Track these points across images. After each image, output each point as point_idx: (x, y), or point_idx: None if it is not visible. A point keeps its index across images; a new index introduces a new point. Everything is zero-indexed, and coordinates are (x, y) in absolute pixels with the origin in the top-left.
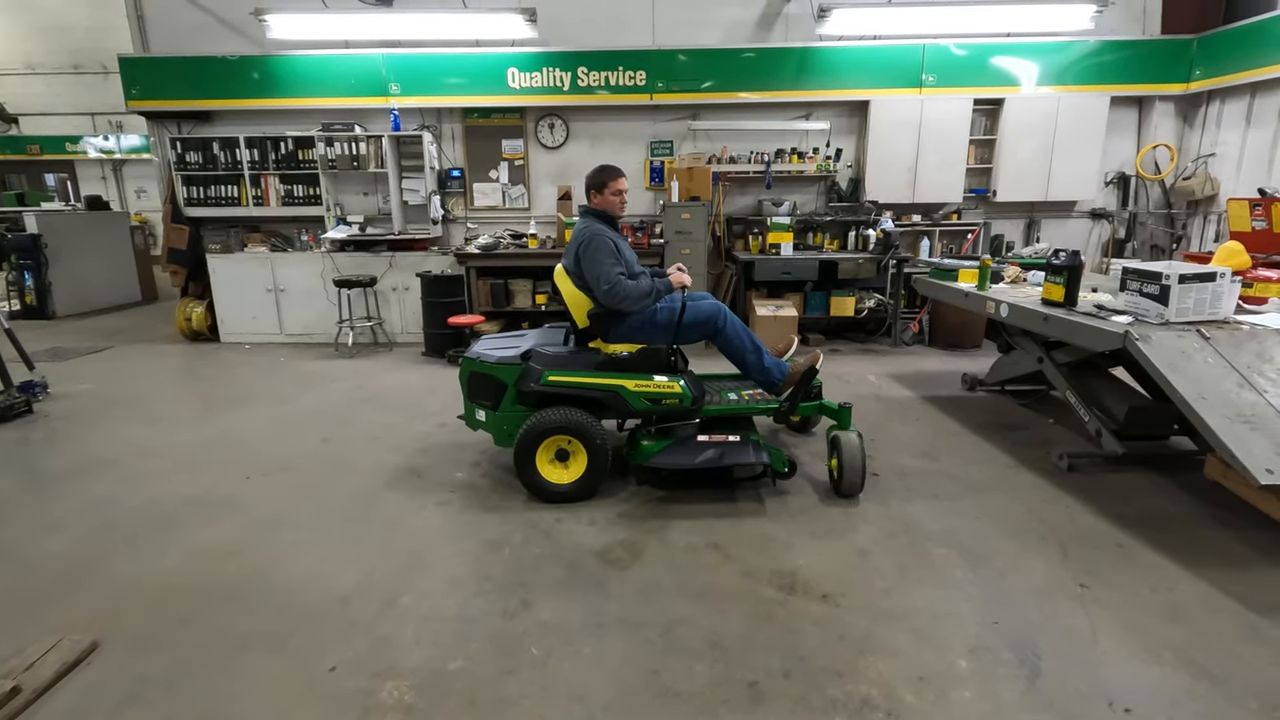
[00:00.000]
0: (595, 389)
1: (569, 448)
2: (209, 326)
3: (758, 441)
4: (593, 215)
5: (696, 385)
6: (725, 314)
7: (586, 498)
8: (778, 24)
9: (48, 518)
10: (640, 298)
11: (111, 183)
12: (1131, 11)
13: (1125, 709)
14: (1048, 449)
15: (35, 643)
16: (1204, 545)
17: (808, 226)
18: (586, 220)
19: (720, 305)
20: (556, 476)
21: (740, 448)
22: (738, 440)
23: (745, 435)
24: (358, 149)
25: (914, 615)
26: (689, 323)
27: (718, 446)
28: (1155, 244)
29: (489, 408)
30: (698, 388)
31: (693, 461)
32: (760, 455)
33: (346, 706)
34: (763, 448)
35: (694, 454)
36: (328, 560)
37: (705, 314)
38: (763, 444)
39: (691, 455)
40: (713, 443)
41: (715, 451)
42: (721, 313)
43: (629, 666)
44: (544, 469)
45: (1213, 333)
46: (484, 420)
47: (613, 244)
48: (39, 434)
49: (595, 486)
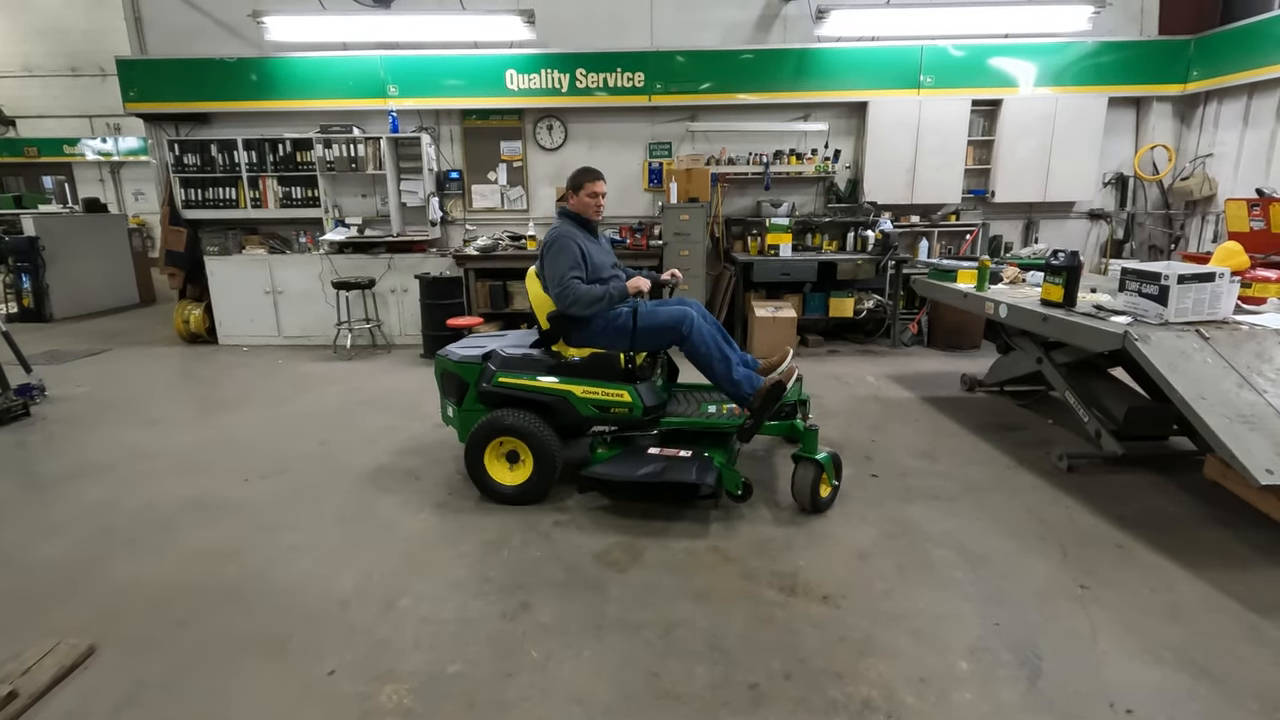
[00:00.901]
0: (543, 393)
1: (519, 450)
2: (207, 329)
3: (711, 459)
4: (567, 217)
5: (652, 395)
6: (691, 322)
7: (535, 501)
8: (776, 25)
9: (45, 521)
10: (590, 302)
11: (109, 185)
12: (1129, 12)
13: (1126, 710)
14: (1047, 449)
15: (32, 646)
16: (1204, 545)
17: (806, 227)
18: (559, 222)
19: (686, 312)
20: (506, 477)
21: (685, 465)
22: (686, 456)
23: (699, 452)
24: (356, 151)
25: (914, 616)
26: (645, 329)
27: (662, 461)
28: (1154, 244)
29: (456, 406)
30: (653, 397)
31: (631, 474)
32: (706, 475)
33: (345, 710)
34: (715, 467)
35: (636, 467)
36: (326, 563)
37: (665, 321)
38: (719, 463)
39: (633, 468)
40: (661, 457)
41: (658, 466)
42: (686, 320)
43: (629, 669)
44: (494, 469)
45: (1212, 333)
46: (451, 417)
47: (577, 247)
48: (36, 437)
49: (543, 490)
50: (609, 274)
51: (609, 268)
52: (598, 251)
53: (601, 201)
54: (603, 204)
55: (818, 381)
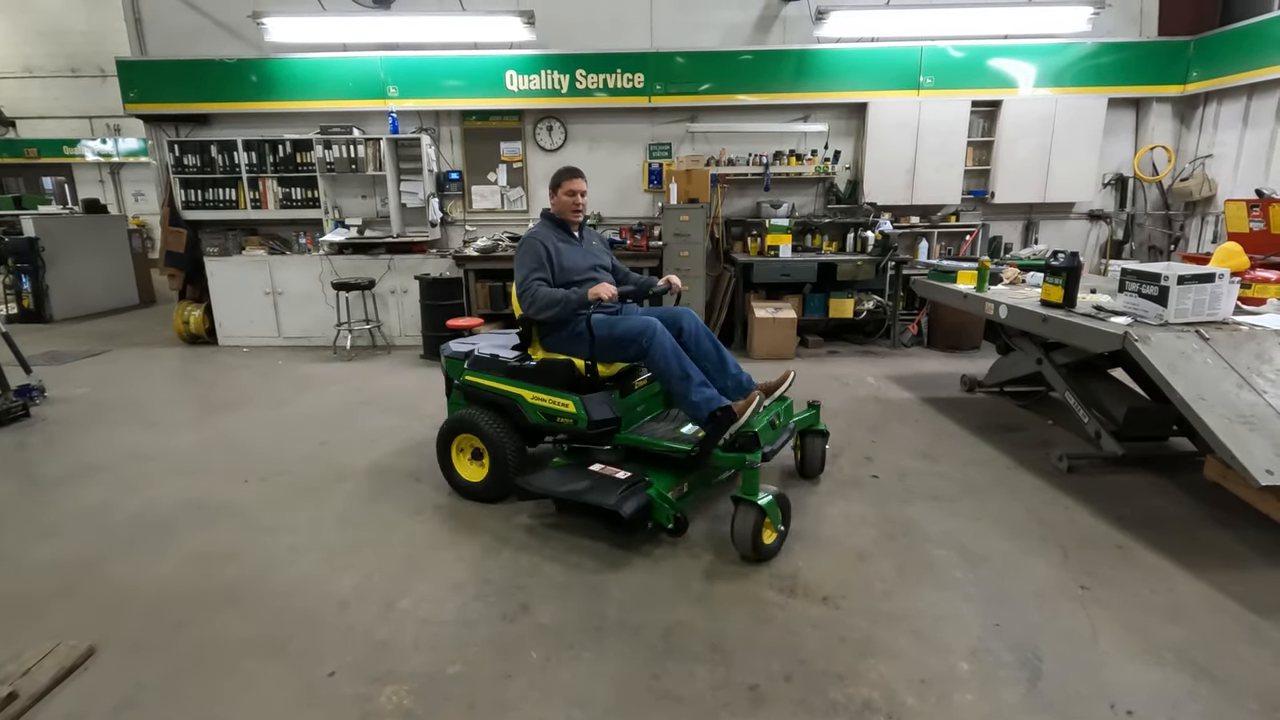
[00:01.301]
0: (499, 395)
1: (481, 448)
2: (207, 330)
3: (646, 485)
4: (546, 218)
5: (603, 408)
6: (651, 336)
7: (494, 499)
8: (775, 26)
9: (44, 522)
10: (546, 305)
11: (109, 186)
12: (1128, 13)
13: (1127, 711)
14: (1047, 450)
15: (32, 648)
16: (1204, 546)
17: (806, 228)
18: (537, 223)
19: (648, 326)
20: (468, 473)
21: (611, 487)
22: (620, 478)
23: (639, 475)
24: (356, 152)
25: (914, 617)
26: (604, 340)
27: (593, 479)
28: (1153, 245)
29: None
30: (603, 411)
31: (555, 489)
32: (627, 502)
33: (345, 711)
34: (646, 495)
35: (564, 482)
36: (325, 564)
37: (624, 333)
38: (655, 491)
39: (562, 482)
40: (596, 475)
41: (585, 484)
42: (646, 334)
43: (629, 670)
44: (459, 464)
45: (1212, 333)
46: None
47: (541, 248)
48: (36, 438)
49: (500, 488)
50: (584, 276)
51: (586, 270)
52: (573, 253)
53: (580, 201)
54: (582, 203)
55: (818, 382)
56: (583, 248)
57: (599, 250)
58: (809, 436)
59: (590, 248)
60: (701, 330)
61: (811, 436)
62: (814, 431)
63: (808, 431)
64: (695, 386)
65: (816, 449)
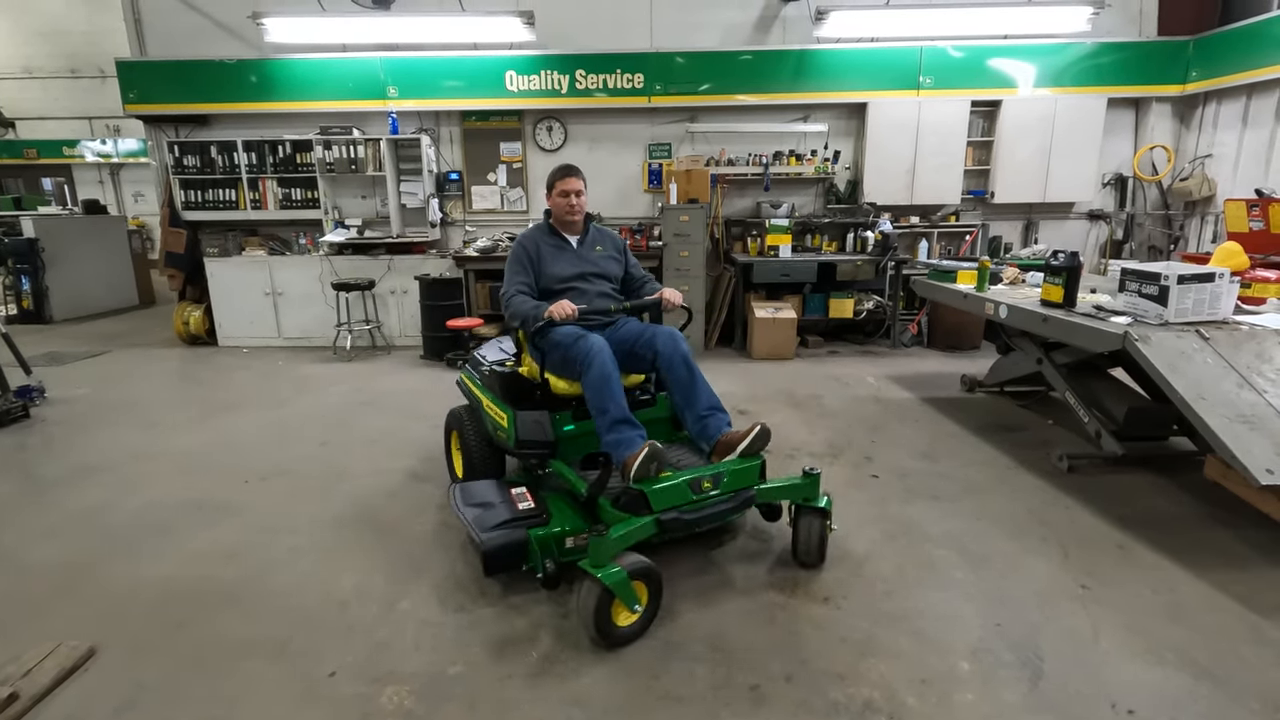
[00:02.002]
0: (472, 397)
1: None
2: (207, 330)
3: (531, 521)
4: (544, 219)
5: (538, 429)
6: (588, 363)
7: None
8: (775, 26)
9: (45, 523)
10: (515, 316)
11: (109, 187)
12: (1128, 13)
13: (1128, 710)
14: (1047, 450)
15: (32, 649)
16: (1205, 546)
17: (806, 228)
18: (536, 223)
19: (589, 352)
20: (459, 469)
21: (497, 516)
22: (516, 507)
23: (538, 509)
24: (355, 152)
25: (915, 617)
26: (555, 359)
27: (498, 503)
28: (1153, 245)
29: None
30: (535, 432)
31: (461, 505)
32: (491, 537)
33: (346, 712)
34: (523, 534)
35: (478, 498)
36: (326, 564)
37: (573, 352)
38: (536, 534)
39: (474, 498)
40: (506, 498)
41: (480, 509)
42: (585, 360)
43: (629, 670)
44: (455, 459)
45: (1212, 333)
46: None
47: (524, 254)
48: (36, 439)
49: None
50: (565, 286)
51: (571, 278)
52: (559, 259)
53: (574, 201)
54: (576, 204)
55: (818, 382)
56: (577, 253)
57: (601, 257)
58: (805, 514)
59: (590, 254)
60: (678, 357)
61: (808, 515)
62: (811, 508)
63: (805, 508)
64: (608, 424)
65: (813, 532)
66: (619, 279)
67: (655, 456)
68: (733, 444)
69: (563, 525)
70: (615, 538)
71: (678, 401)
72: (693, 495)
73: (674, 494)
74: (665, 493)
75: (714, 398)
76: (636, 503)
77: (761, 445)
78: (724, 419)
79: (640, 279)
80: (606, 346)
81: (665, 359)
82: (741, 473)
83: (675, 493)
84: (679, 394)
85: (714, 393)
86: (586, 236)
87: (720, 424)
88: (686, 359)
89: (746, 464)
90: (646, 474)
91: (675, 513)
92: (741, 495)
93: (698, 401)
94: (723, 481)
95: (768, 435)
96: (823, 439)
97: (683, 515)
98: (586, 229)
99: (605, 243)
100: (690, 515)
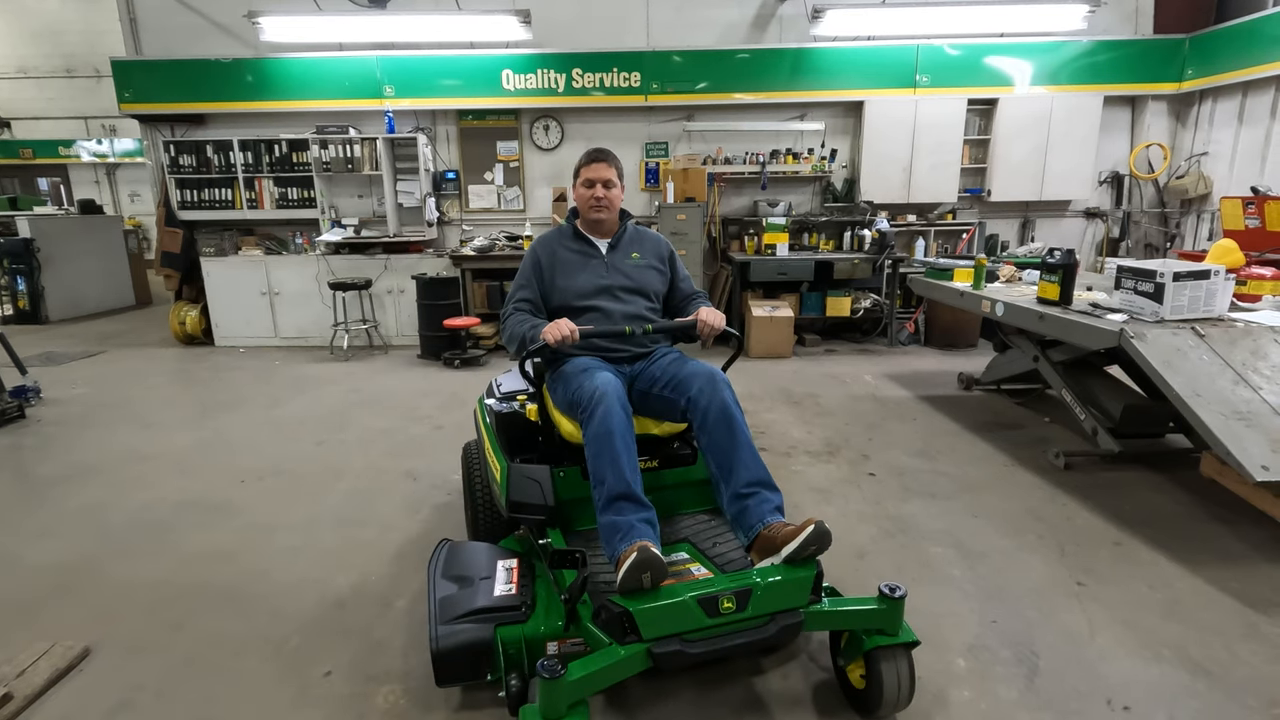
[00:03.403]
0: (479, 434)
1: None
2: (203, 330)
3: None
4: (568, 219)
5: (533, 491)
6: (593, 411)
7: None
8: (772, 25)
9: (40, 523)
10: (511, 339)
11: (105, 186)
12: (1123, 11)
13: (1124, 706)
14: (1044, 447)
15: (27, 649)
16: (1201, 542)
17: (803, 227)
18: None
19: (598, 394)
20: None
21: (467, 601)
22: (493, 594)
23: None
24: (352, 151)
25: (911, 615)
26: (559, 399)
27: (471, 584)
28: (1149, 242)
29: None
30: (530, 494)
31: (434, 576)
32: (452, 632)
33: (341, 712)
34: (489, 631)
35: (457, 568)
36: (322, 564)
37: (578, 393)
38: (504, 635)
39: (451, 568)
40: (488, 573)
41: (455, 586)
42: (590, 405)
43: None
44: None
45: (1207, 330)
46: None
47: (533, 262)
48: (31, 439)
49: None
50: (586, 303)
51: (593, 293)
52: (578, 268)
53: (600, 194)
54: (604, 197)
55: (815, 381)
56: (605, 261)
57: (637, 267)
58: (883, 655)
59: (623, 263)
60: (715, 407)
61: (891, 655)
62: (890, 645)
63: (881, 647)
64: (603, 499)
65: (903, 681)
66: (661, 295)
67: (647, 564)
68: (776, 543)
69: (546, 625)
70: (574, 681)
71: (712, 469)
72: (705, 618)
73: (674, 616)
74: (661, 614)
75: (761, 469)
76: (618, 625)
77: (815, 550)
78: (772, 502)
79: (687, 294)
80: (617, 389)
81: (697, 408)
82: (782, 588)
83: (676, 614)
84: (713, 458)
85: (762, 462)
86: (620, 240)
87: (764, 509)
88: (727, 411)
89: (791, 574)
90: (636, 586)
91: (676, 643)
92: (781, 621)
93: (737, 473)
94: (752, 600)
95: (827, 537)
96: (820, 437)
97: (686, 647)
98: (622, 230)
99: (644, 248)
100: (698, 648)
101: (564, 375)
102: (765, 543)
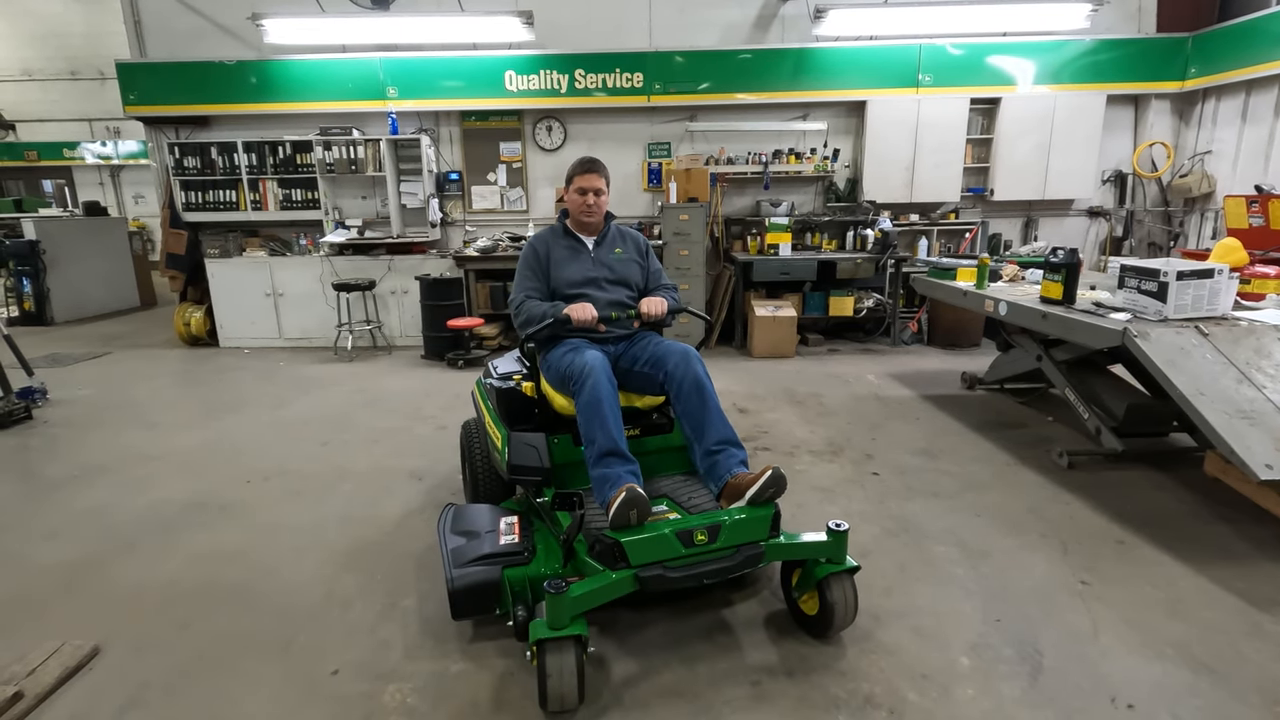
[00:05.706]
0: (479, 410)
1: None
2: (208, 331)
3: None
4: (559, 219)
5: (532, 455)
6: (582, 383)
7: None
8: (774, 25)
9: (48, 523)
10: (525, 323)
11: (109, 188)
12: (1126, 10)
13: (1127, 705)
14: (1047, 446)
15: (37, 648)
16: (1204, 541)
17: (806, 227)
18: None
19: (586, 367)
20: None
21: (476, 549)
22: (499, 541)
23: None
24: (355, 153)
25: (915, 613)
26: (551, 374)
27: (478, 536)
28: (1153, 241)
29: None
30: (529, 458)
31: (444, 531)
32: (466, 577)
33: (349, 710)
34: (497, 573)
35: (464, 525)
36: (328, 564)
37: (565, 369)
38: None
39: (459, 525)
40: (491, 527)
41: (464, 539)
42: (580, 379)
43: (630, 666)
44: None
45: (1211, 329)
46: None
47: (535, 256)
48: (38, 440)
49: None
50: (575, 291)
51: (581, 284)
52: (570, 263)
53: (591, 201)
54: (595, 204)
55: (818, 380)
56: (591, 257)
57: (619, 260)
58: (833, 582)
59: (607, 257)
60: (689, 379)
61: (837, 581)
62: (838, 572)
63: (831, 575)
64: (594, 456)
65: (848, 601)
66: (640, 285)
67: (634, 502)
68: (741, 489)
69: (546, 567)
70: (576, 596)
71: (686, 432)
72: (682, 549)
73: (656, 546)
74: (645, 544)
75: (728, 429)
76: (610, 554)
77: (774, 492)
78: (737, 456)
79: (656, 285)
80: (603, 364)
81: (674, 380)
82: (746, 524)
83: (658, 545)
84: (688, 423)
85: (729, 424)
86: (605, 238)
87: (731, 462)
88: (699, 382)
89: (753, 514)
90: (625, 521)
91: (658, 569)
92: (745, 551)
93: (707, 433)
94: (721, 533)
95: (782, 481)
96: (823, 437)
97: (667, 572)
98: (606, 229)
99: (626, 244)
100: (677, 573)
101: (556, 354)
102: (732, 490)
